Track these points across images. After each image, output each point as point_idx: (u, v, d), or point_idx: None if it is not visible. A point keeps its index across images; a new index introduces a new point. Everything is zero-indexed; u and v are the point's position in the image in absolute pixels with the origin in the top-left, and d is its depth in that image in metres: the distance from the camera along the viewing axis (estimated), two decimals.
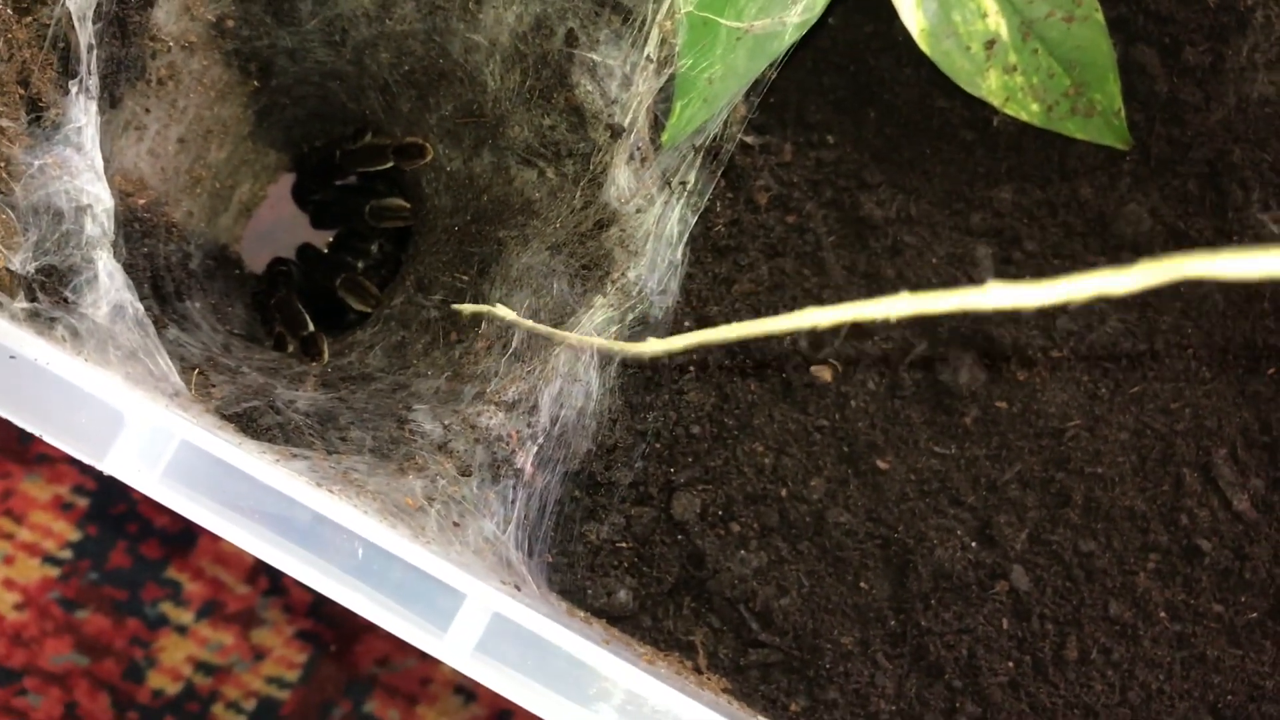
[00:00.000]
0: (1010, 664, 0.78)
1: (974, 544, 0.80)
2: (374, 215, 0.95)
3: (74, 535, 1.16)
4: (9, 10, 0.61)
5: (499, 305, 0.73)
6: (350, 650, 1.15)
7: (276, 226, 1.06)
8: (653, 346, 0.58)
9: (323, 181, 0.99)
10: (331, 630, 1.14)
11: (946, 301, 0.38)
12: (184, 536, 1.17)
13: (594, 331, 0.74)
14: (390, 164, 0.88)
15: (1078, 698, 0.78)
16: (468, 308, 0.76)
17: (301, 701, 1.15)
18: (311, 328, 0.86)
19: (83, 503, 1.16)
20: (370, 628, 1.16)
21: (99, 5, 0.64)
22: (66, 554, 1.16)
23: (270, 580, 1.16)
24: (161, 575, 1.16)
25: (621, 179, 0.74)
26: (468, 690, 1.16)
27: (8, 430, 1.16)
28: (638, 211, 0.74)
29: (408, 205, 0.93)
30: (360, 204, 0.95)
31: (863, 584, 0.79)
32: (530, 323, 0.70)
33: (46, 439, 0.57)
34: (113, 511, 1.16)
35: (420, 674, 1.16)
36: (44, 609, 1.14)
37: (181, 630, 1.15)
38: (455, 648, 0.57)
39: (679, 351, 0.74)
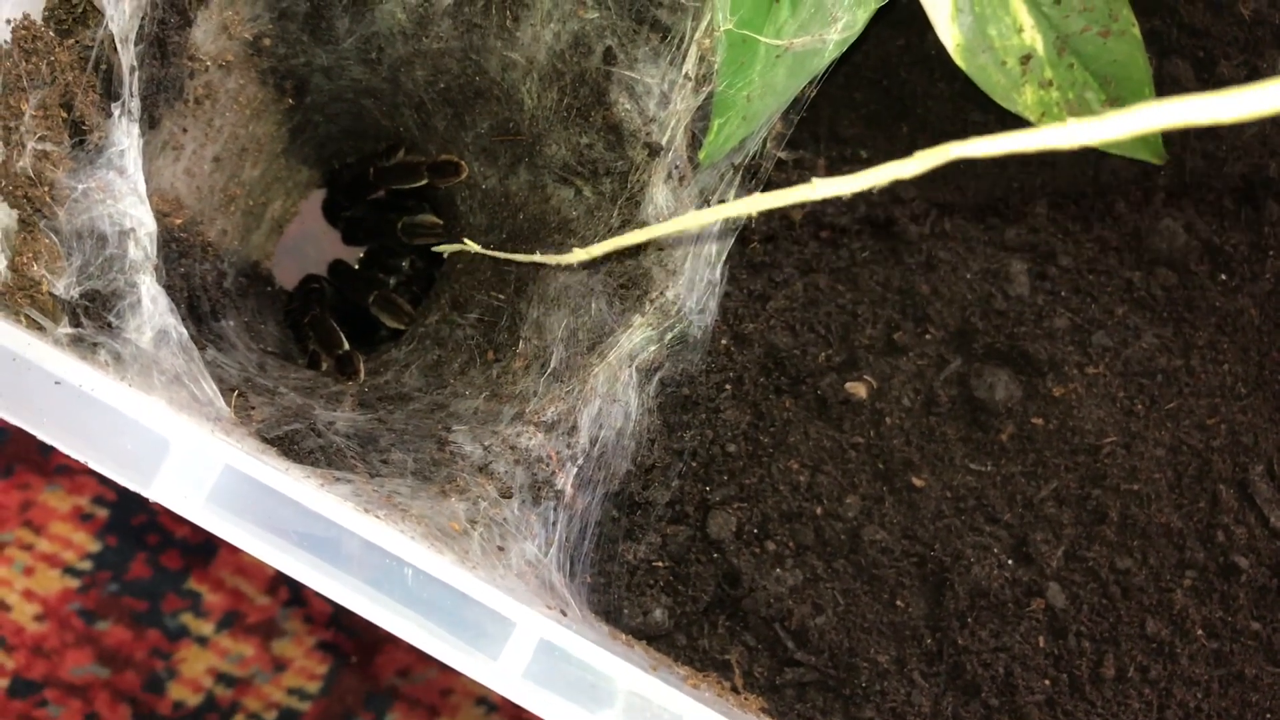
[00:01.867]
0: (1047, 682, 0.78)
1: (1010, 561, 0.79)
2: (406, 232, 0.94)
3: (94, 546, 1.16)
4: (51, 33, 0.61)
5: (466, 240, 0.73)
6: (371, 661, 1.15)
7: (304, 240, 1.05)
8: (577, 255, 0.59)
9: (354, 198, 0.99)
10: (352, 641, 1.15)
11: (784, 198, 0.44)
12: (204, 548, 1.17)
13: (632, 353, 0.73)
14: (424, 181, 0.87)
15: (1115, 716, 0.77)
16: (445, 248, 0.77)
17: (322, 713, 1.15)
18: (347, 346, 0.86)
19: (103, 513, 1.17)
20: (391, 639, 1.16)
21: (141, 26, 0.64)
22: (86, 565, 1.16)
23: (291, 591, 1.16)
24: (182, 586, 1.16)
25: (660, 197, 0.74)
26: (489, 701, 1.16)
27: (28, 441, 1.16)
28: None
29: (440, 221, 0.93)
30: (392, 220, 0.94)
31: (899, 602, 0.79)
32: (493, 251, 0.69)
33: (92, 465, 0.57)
34: (133, 522, 1.17)
35: (441, 685, 1.16)
36: (64, 620, 1.15)
37: (202, 641, 1.16)
38: (506, 674, 0.56)
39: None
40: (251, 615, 1.16)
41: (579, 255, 0.56)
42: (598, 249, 0.54)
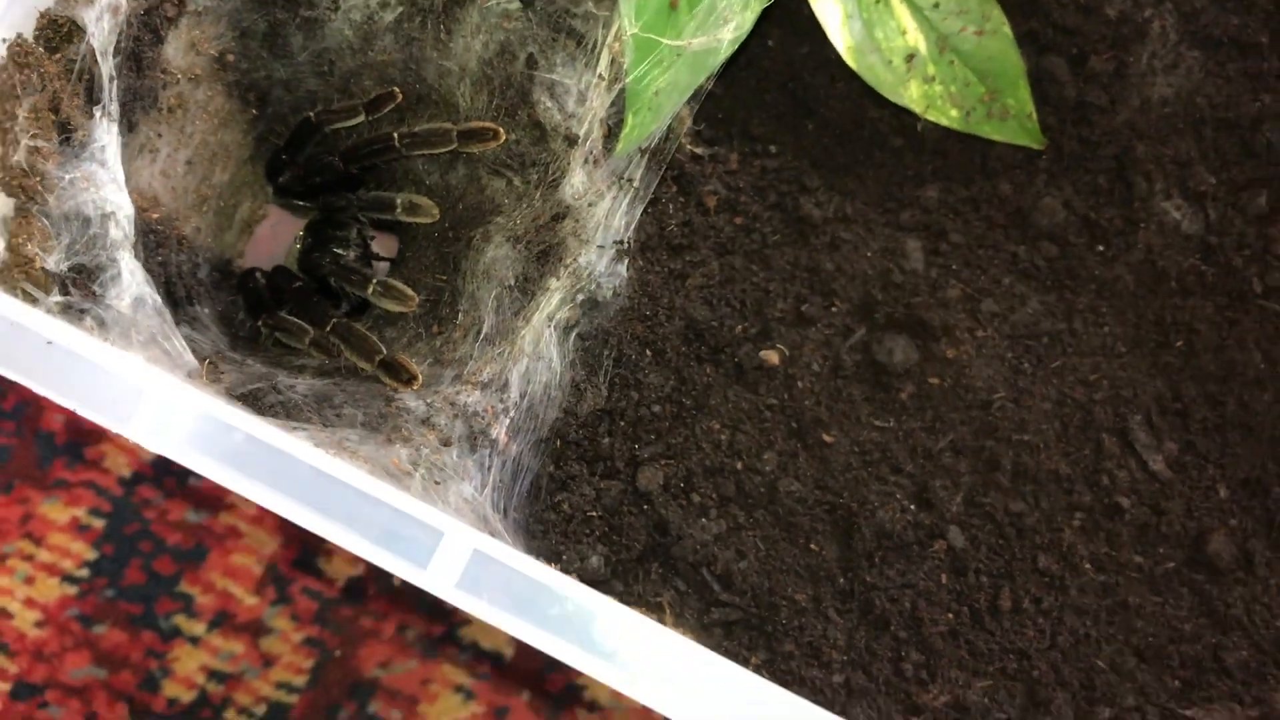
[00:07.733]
0: (950, 615, 0.81)
1: (913, 507, 0.83)
2: (407, 210, 0.88)
3: (91, 555, 1.17)
4: (41, 48, 0.70)
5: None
6: (354, 655, 1.16)
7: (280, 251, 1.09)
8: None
9: (357, 168, 0.91)
10: (336, 636, 1.15)
11: None
12: (195, 552, 1.17)
13: (550, 314, 0.80)
14: (453, 146, 0.85)
15: (1012, 644, 0.81)
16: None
17: (309, 705, 1.15)
18: (384, 352, 0.80)
19: (99, 524, 1.17)
20: (373, 633, 1.18)
21: (118, 42, 0.73)
22: (84, 573, 1.16)
23: (277, 591, 1.16)
24: (174, 589, 1.16)
25: (577, 180, 0.81)
26: (467, 689, 1.16)
27: (28, 457, 1.18)
28: (590, 205, 0.81)
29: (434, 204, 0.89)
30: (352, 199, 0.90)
31: (813, 546, 0.83)
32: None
33: (79, 411, 0.65)
34: (127, 531, 1.17)
35: (421, 675, 1.16)
36: (63, 625, 1.16)
37: (194, 641, 1.16)
38: (438, 580, 0.63)
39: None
40: (240, 615, 1.16)
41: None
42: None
